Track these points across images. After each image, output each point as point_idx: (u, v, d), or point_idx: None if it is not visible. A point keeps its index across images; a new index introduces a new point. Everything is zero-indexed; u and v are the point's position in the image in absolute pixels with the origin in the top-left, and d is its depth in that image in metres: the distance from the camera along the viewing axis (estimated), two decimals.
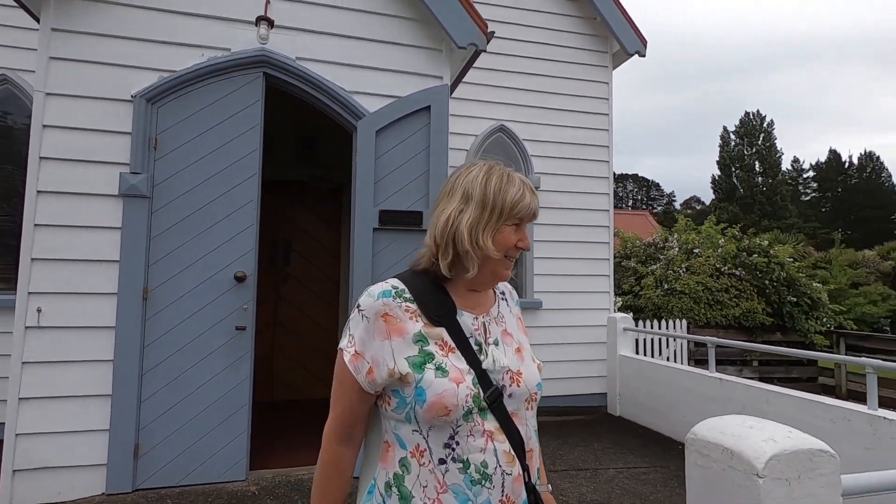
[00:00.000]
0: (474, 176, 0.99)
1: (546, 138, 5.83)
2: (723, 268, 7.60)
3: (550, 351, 5.60)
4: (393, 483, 0.92)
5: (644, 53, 6.05)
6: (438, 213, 0.99)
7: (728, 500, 1.05)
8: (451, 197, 0.99)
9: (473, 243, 0.94)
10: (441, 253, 0.97)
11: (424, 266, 1.00)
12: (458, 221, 0.95)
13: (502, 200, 0.96)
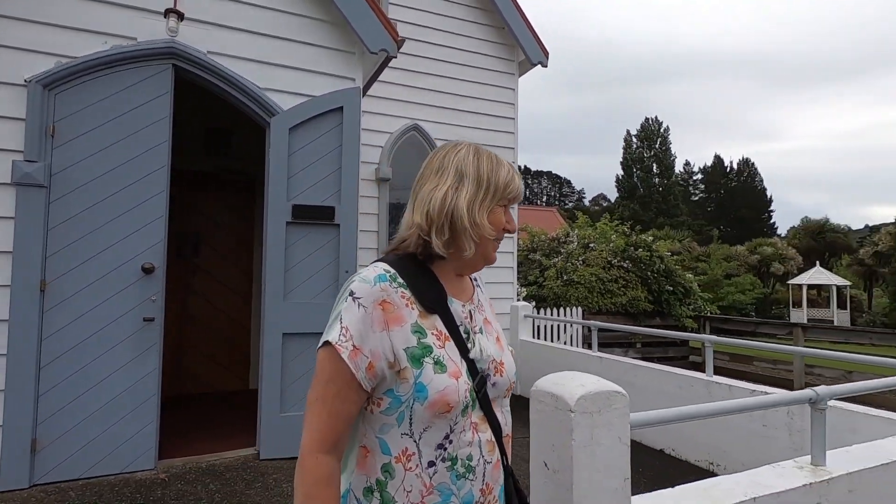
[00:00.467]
0: (464, 154, 0.96)
1: (456, 138, 6.19)
2: (613, 260, 8.51)
3: None
4: (375, 488, 0.87)
5: (546, 64, 6.62)
6: (430, 191, 0.93)
7: (553, 431, 1.42)
8: (442, 174, 0.94)
9: (472, 221, 0.91)
10: (437, 231, 0.91)
11: (412, 249, 0.94)
12: (455, 198, 0.91)
13: (496, 180, 0.95)
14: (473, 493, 0.89)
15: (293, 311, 3.50)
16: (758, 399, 1.95)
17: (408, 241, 0.94)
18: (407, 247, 0.94)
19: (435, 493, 0.86)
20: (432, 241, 0.91)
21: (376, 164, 5.79)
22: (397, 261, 0.93)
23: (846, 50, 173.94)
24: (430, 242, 0.92)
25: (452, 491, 0.87)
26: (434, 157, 0.99)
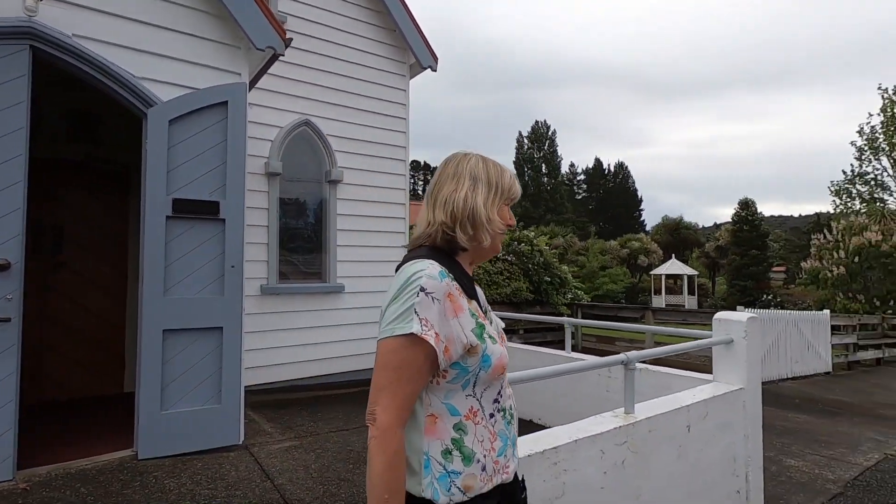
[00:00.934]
0: (475, 162, 1.14)
1: (350, 135, 6.33)
2: (498, 255, 9.18)
3: (355, 330, 6.20)
4: (452, 448, 1.00)
5: (435, 69, 6.98)
6: (450, 193, 1.09)
7: None
8: (459, 180, 1.11)
9: (488, 217, 1.09)
10: (461, 227, 1.07)
11: (439, 244, 1.09)
12: (474, 199, 1.09)
13: (503, 183, 1.14)
14: (516, 434, 1.14)
15: (174, 306, 3.44)
16: (577, 364, 2.44)
17: (433, 236, 1.10)
18: (433, 241, 1.10)
19: (498, 440, 1.07)
20: (457, 235, 1.08)
21: (266, 158, 5.73)
22: (435, 256, 1.07)
23: (702, 70, 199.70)
24: (454, 237, 1.08)
25: (507, 434, 1.09)
26: (448, 165, 1.16)
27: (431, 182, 1.18)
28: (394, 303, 1.01)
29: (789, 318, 8.43)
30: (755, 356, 3.22)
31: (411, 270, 1.02)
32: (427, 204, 1.15)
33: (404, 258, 1.11)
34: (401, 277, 1.03)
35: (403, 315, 0.98)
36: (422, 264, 1.03)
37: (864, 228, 15.67)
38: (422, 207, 1.18)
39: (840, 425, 5.54)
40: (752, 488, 3.15)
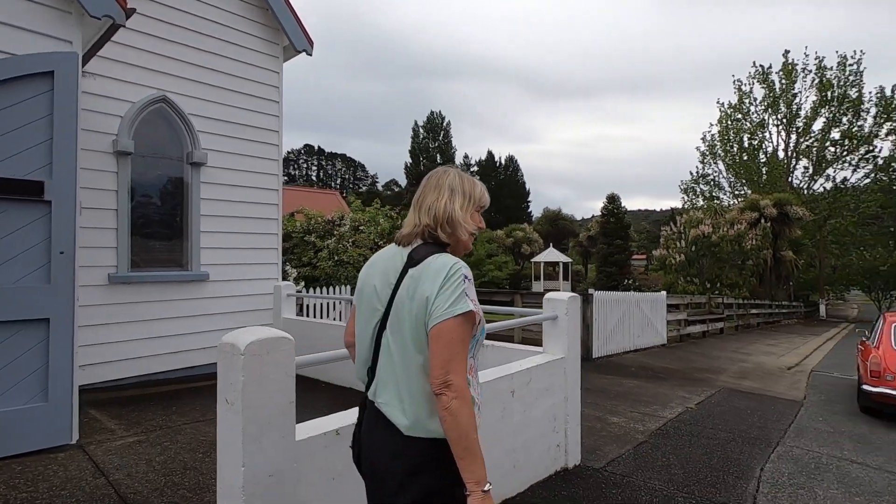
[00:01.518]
0: (453, 177, 1.45)
1: (215, 116, 6.01)
2: (380, 242, 9.31)
3: (220, 320, 5.95)
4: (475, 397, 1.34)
5: (311, 53, 6.86)
6: (432, 202, 1.41)
7: (230, 372, 1.80)
8: (441, 191, 1.42)
9: (463, 219, 1.41)
10: (441, 228, 1.38)
11: (426, 240, 1.39)
12: (452, 206, 1.40)
13: (474, 194, 1.46)
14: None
15: None
16: None
17: (419, 234, 1.40)
18: (422, 239, 1.40)
19: (478, 391, 1.39)
20: (439, 234, 1.39)
21: (114, 136, 5.25)
22: (440, 249, 1.38)
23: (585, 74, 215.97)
24: (437, 236, 1.39)
25: (476, 391, 1.38)
26: (431, 178, 1.47)
27: (417, 192, 1.47)
28: (444, 291, 1.26)
29: (633, 298, 9.68)
30: (575, 330, 3.74)
31: (447, 263, 1.31)
32: (413, 209, 1.45)
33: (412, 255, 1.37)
34: (440, 268, 1.30)
35: (458, 298, 1.26)
36: (450, 258, 1.33)
37: (700, 222, 18.34)
38: (409, 212, 1.47)
39: (661, 388, 6.56)
40: (570, 442, 3.68)
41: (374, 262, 1.48)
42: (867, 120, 28.87)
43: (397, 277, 1.36)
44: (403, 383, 1.32)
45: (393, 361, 1.35)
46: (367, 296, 1.43)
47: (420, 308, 1.28)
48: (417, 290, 1.29)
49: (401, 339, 1.33)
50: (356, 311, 1.51)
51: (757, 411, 5.60)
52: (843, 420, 5.46)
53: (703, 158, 33.77)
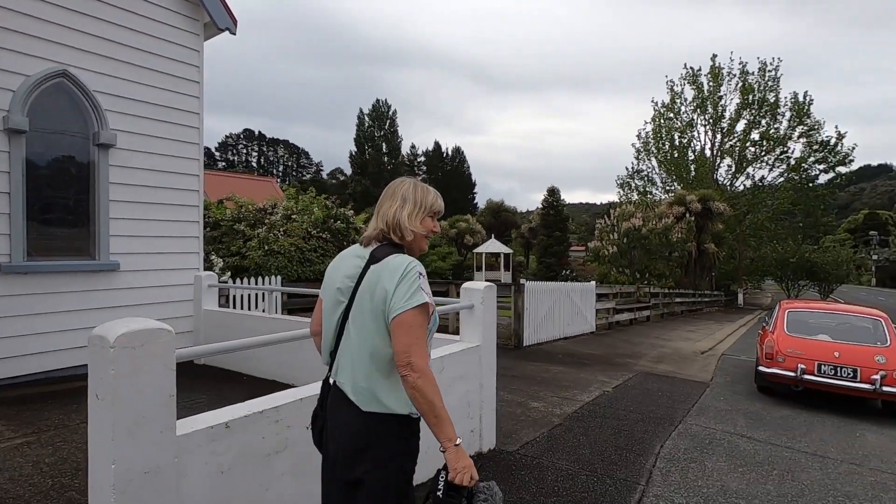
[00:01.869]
0: (407, 186, 1.65)
1: (126, 94, 5.62)
2: (313, 231, 9.11)
3: (133, 312, 5.61)
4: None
5: (234, 32, 6.54)
6: (386, 209, 1.61)
7: (101, 366, 1.71)
8: (395, 199, 1.62)
9: (410, 224, 1.60)
10: (392, 232, 1.59)
11: (382, 242, 1.60)
12: (401, 213, 1.59)
13: (425, 202, 1.65)
14: None
15: None
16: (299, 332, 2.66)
17: (377, 237, 1.60)
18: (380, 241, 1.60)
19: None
20: (392, 237, 1.59)
21: (5, 112, 4.79)
22: (399, 250, 1.58)
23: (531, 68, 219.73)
24: (390, 238, 1.59)
25: None
26: (389, 188, 1.67)
27: (379, 200, 1.68)
28: (401, 286, 1.46)
29: (563, 288, 10.04)
30: (491, 318, 3.83)
31: (404, 262, 1.51)
32: (375, 215, 1.65)
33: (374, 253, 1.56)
34: (397, 266, 1.50)
35: (414, 293, 1.46)
36: (406, 257, 1.54)
37: (631, 215, 19.25)
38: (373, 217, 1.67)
39: (584, 373, 6.87)
40: (485, 427, 3.79)
41: (340, 259, 1.69)
42: (783, 123, 31.32)
43: (360, 274, 1.56)
44: (361, 365, 1.52)
45: (353, 347, 1.54)
46: (333, 289, 1.62)
47: (380, 301, 1.49)
48: (378, 285, 1.50)
49: (361, 327, 1.53)
50: (322, 302, 1.70)
51: (667, 392, 5.99)
52: (741, 399, 5.95)
53: (638, 155, 35.41)
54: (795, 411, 5.49)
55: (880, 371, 5.20)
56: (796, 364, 5.58)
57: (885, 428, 5.11)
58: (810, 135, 30.83)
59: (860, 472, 3.84)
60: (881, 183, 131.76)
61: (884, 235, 77.09)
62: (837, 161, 30.61)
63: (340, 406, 1.55)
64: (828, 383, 5.42)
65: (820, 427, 4.97)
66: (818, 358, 5.53)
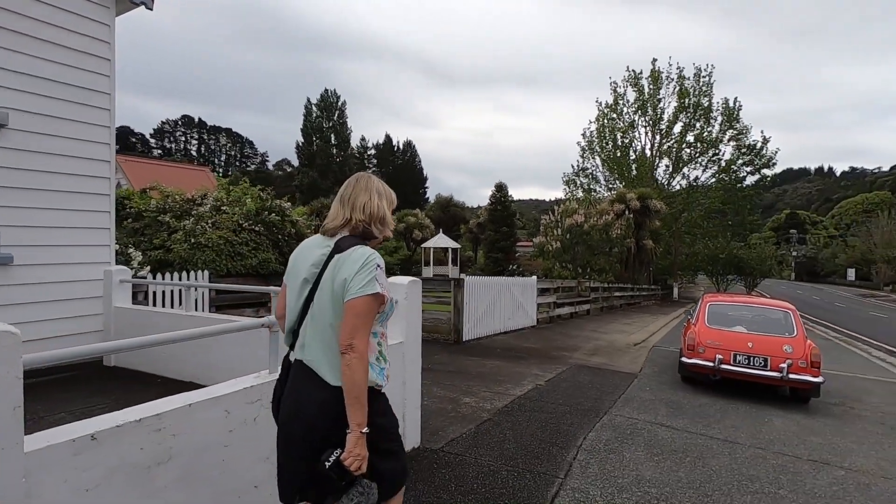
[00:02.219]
0: (376, 182, 1.83)
1: (21, 69, 5.07)
2: (245, 224, 8.68)
3: (31, 311, 5.12)
4: (380, 355, 1.76)
5: (151, 7, 6.07)
6: (366, 202, 1.76)
7: None
8: (371, 193, 1.78)
9: (389, 217, 1.81)
10: (374, 224, 1.77)
11: (353, 233, 1.75)
12: (382, 206, 1.79)
13: (391, 197, 1.86)
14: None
15: None
16: (223, 326, 2.46)
17: (353, 227, 1.75)
18: (352, 231, 1.74)
19: (386, 350, 1.81)
20: (372, 228, 1.77)
21: None
22: (362, 242, 1.73)
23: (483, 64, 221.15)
24: (370, 230, 1.76)
25: (386, 350, 1.81)
26: (360, 181, 1.81)
27: (346, 191, 1.80)
28: (359, 274, 1.62)
29: (504, 283, 10.13)
30: (415, 314, 3.73)
31: (366, 253, 1.67)
32: (343, 205, 1.77)
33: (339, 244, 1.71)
34: (358, 258, 1.65)
35: (369, 282, 1.61)
36: (368, 249, 1.69)
37: (574, 212, 19.78)
38: (335, 206, 1.79)
39: (519, 367, 6.93)
40: (409, 426, 3.69)
41: (305, 247, 1.83)
42: (715, 126, 33.16)
43: (324, 261, 1.70)
44: (328, 344, 1.67)
45: (318, 327, 1.69)
46: (299, 278, 1.76)
47: (340, 286, 1.64)
48: (339, 272, 1.65)
49: (324, 309, 1.68)
50: (287, 288, 1.83)
51: (597, 384, 6.14)
52: (665, 389, 6.19)
53: (583, 153, 36.52)
54: (713, 399, 5.77)
55: (787, 360, 5.55)
56: (715, 355, 5.86)
57: (791, 413, 5.46)
58: (739, 138, 32.85)
59: (765, 456, 4.06)
60: (801, 185, 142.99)
61: (802, 234, 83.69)
62: (762, 164, 32.81)
63: (306, 381, 1.69)
64: (742, 372, 5.73)
65: (734, 414, 5.23)
66: (734, 348, 5.83)
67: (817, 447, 4.38)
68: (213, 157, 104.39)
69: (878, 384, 7.61)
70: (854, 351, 11.57)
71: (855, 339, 14.39)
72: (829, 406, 5.92)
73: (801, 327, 5.95)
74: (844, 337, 14.93)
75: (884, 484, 3.68)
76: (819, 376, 5.50)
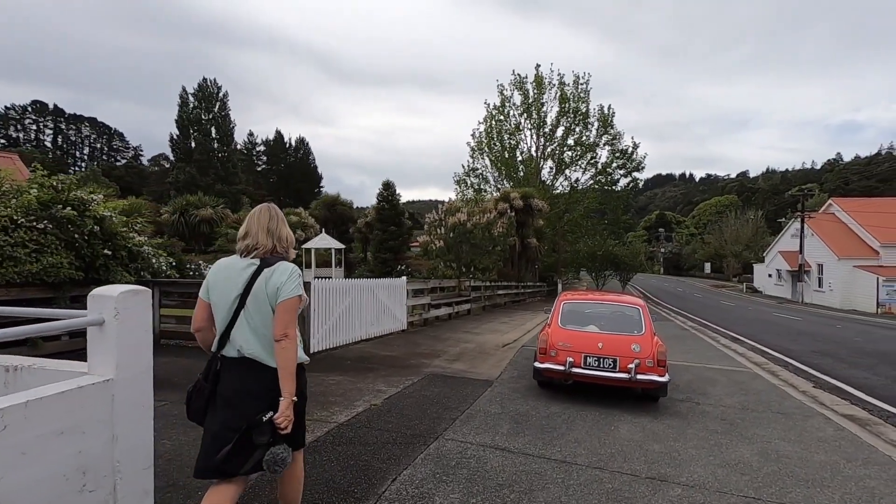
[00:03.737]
0: (280, 213, 2.46)
1: None
2: (23, 220, 6.80)
3: None
4: (302, 338, 2.41)
5: None
6: (286, 234, 2.41)
7: None
8: (284, 224, 2.43)
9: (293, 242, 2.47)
10: (289, 249, 2.41)
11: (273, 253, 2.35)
12: (291, 235, 2.44)
13: (288, 223, 2.48)
14: None
15: None
16: None
17: (271, 251, 2.34)
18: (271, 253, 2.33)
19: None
20: (288, 253, 2.41)
21: None
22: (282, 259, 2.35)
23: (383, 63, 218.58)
24: (288, 254, 2.41)
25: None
26: (273, 214, 2.41)
27: (268, 222, 2.37)
28: (289, 281, 2.22)
29: (365, 285, 9.19)
30: (138, 338, 2.62)
31: (290, 266, 2.31)
32: (266, 235, 2.34)
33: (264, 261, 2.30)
34: (285, 269, 2.27)
35: (295, 286, 2.23)
36: (289, 263, 2.33)
37: (458, 210, 19.43)
38: (261, 235, 2.34)
39: (363, 381, 6.03)
40: (127, 496, 2.60)
41: (227, 266, 2.36)
42: (592, 131, 35.23)
43: (252, 274, 2.25)
44: (264, 338, 2.22)
45: (255, 325, 2.23)
46: (230, 292, 2.26)
47: (273, 291, 2.21)
48: (271, 280, 2.22)
49: (261, 311, 2.23)
50: (209, 302, 2.36)
51: (444, 398, 5.43)
52: (517, 398, 5.66)
53: (473, 153, 36.92)
54: (564, 407, 5.33)
55: (635, 360, 5.27)
56: (566, 357, 5.44)
57: (639, 416, 5.17)
58: (613, 143, 35.24)
59: (601, 478, 3.55)
60: (669, 189, 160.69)
61: (669, 232, 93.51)
62: (633, 167, 35.51)
63: (250, 369, 2.23)
64: (592, 375, 5.36)
65: (581, 424, 4.79)
66: (585, 350, 5.45)
67: (658, 458, 4.00)
68: (72, 150, 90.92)
69: (722, 373, 7.86)
70: (705, 339, 12.33)
71: (706, 328, 15.61)
72: (676, 403, 5.78)
73: (650, 324, 5.75)
74: (699, 326, 16.16)
75: (718, 501, 3.31)
76: (665, 375, 5.28)
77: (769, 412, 5.62)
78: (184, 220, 25.38)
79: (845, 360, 9.91)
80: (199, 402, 2.30)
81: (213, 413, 2.25)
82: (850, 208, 35.52)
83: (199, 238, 26.21)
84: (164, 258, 9.37)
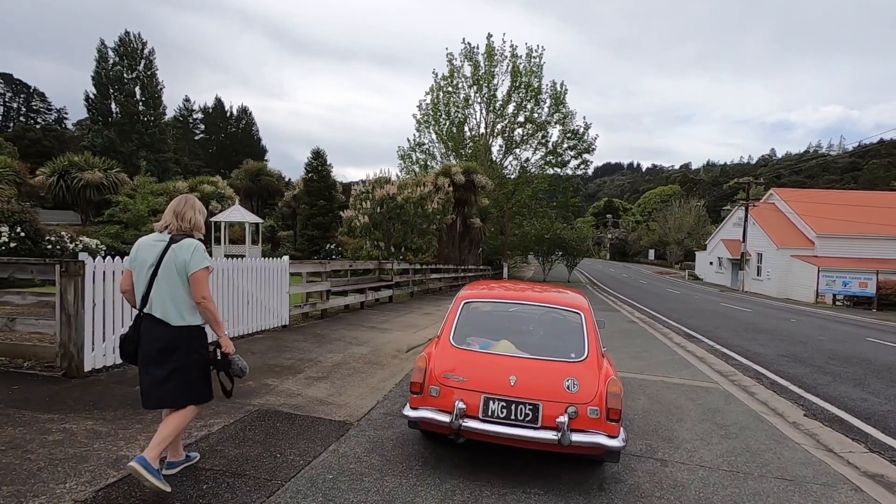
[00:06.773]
0: (198, 203, 3.01)
1: None
2: None
3: None
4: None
5: None
6: (190, 216, 2.91)
7: None
8: (196, 210, 2.94)
9: (202, 225, 3.00)
10: (195, 231, 2.94)
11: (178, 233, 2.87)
12: (197, 219, 2.95)
13: (203, 212, 3.04)
14: None
15: None
16: None
17: (183, 231, 2.89)
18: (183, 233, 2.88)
19: None
20: (194, 234, 2.94)
21: None
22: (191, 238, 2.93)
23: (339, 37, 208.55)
24: (193, 234, 2.93)
25: None
26: (188, 202, 2.96)
27: (179, 207, 2.90)
28: (195, 256, 2.79)
29: (222, 268, 6.57)
30: None
31: (195, 242, 2.85)
32: (172, 216, 2.88)
33: (173, 238, 2.83)
34: (189, 245, 2.81)
35: (202, 259, 2.81)
36: (194, 240, 2.86)
37: (387, 181, 16.91)
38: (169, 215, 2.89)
39: (108, 438, 3.55)
40: None
41: (147, 244, 2.84)
42: (544, 109, 33.29)
43: (163, 249, 2.78)
44: (174, 301, 2.77)
45: (165, 291, 2.77)
46: (143, 260, 2.80)
47: (181, 264, 2.77)
48: (179, 255, 2.77)
49: (171, 280, 2.76)
50: (132, 270, 2.87)
51: (240, 470, 3.04)
52: (379, 461, 3.36)
53: (419, 126, 34.23)
54: (456, 487, 3.07)
55: (569, 405, 3.07)
56: (454, 400, 3.17)
57: (566, 498, 2.99)
58: (565, 123, 33.45)
59: None
60: (617, 177, 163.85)
61: (616, 218, 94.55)
62: (584, 148, 33.95)
63: (160, 327, 2.77)
64: (495, 433, 3.10)
65: None
66: (487, 388, 3.20)
67: None
68: None
69: (687, 393, 5.91)
70: (657, 337, 10.56)
71: (656, 320, 14.03)
72: (631, 466, 3.67)
73: (596, 341, 3.54)
74: (648, 318, 14.57)
75: None
76: (618, 434, 3.08)
77: (770, 478, 3.62)
78: (64, 183, 21.34)
79: (823, 368, 8.30)
80: (130, 346, 2.84)
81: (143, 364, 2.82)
82: (790, 198, 35.65)
83: (84, 206, 22.25)
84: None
